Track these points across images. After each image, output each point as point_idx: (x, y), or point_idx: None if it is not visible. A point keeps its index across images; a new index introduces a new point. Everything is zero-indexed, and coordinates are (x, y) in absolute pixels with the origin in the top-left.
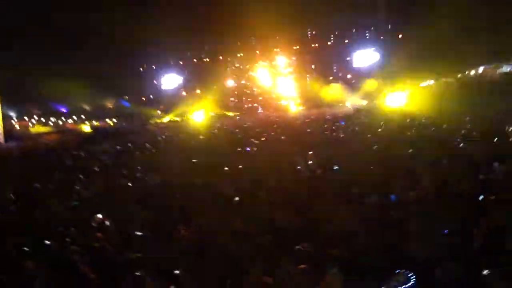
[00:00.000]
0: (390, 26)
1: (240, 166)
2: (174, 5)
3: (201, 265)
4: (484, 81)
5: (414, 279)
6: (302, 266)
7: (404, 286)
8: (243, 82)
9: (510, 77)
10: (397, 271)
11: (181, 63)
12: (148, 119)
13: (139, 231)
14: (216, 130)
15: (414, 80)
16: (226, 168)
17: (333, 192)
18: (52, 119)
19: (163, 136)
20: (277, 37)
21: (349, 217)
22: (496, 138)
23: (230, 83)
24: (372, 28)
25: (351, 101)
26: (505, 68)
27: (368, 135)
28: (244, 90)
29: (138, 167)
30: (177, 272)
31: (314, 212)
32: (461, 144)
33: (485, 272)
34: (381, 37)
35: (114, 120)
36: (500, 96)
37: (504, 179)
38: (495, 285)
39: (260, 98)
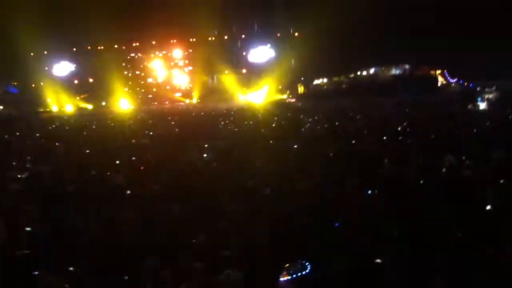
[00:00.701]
0: (286, 24)
1: (133, 158)
2: None
3: (95, 259)
4: (375, 81)
5: (309, 268)
6: (198, 264)
7: (300, 274)
8: (137, 72)
9: (400, 79)
10: (295, 261)
11: (74, 50)
12: (37, 107)
13: (29, 226)
14: (109, 121)
15: (308, 78)
16: (117, 162)
17: (228, 185)
18: None
19: (55, 125)
20: (174, 29)
21: (244, 210)
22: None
23: (124, 73)
24: (269, 25)
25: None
26: (395, 70)
27: (262, 130)
28: (139, 81)
29: (28, 157)
30: (71, 268)
31: (209, 205)
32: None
33: (378, 261)
34: (277, 35)
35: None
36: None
37: (395, 175)
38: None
39: (155, 90)
